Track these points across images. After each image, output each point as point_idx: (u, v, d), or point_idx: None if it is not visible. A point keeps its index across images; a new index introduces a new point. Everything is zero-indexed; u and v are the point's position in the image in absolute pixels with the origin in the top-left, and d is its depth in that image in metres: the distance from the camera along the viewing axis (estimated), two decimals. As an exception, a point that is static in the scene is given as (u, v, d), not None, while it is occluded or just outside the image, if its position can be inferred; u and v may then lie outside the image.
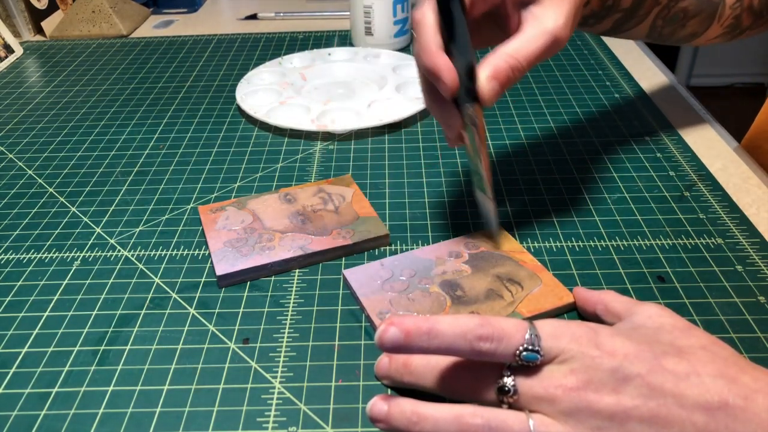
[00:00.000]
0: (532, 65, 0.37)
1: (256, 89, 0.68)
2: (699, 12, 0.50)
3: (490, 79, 0.37)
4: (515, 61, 0.37)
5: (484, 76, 0.37)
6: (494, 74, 0.37)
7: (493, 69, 0.37)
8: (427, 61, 0.37)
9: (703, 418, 0.26)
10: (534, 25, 0.37)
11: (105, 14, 0.91)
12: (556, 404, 0.28)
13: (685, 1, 0.49)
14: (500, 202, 0.50)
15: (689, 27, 0.51)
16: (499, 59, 0.37)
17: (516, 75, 0.37)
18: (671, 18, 0.49)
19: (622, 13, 0.47)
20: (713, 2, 0.50)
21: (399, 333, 0.29)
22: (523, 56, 0.37)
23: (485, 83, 0.37)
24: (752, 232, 0.46)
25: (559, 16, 0.37)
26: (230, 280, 0.43)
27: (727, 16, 0.51)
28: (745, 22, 0.52)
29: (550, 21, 0.37)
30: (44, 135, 0.64)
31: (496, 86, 0.37)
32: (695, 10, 0.49)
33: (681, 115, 0.62)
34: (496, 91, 0.37)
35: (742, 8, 0.51)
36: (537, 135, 0.60)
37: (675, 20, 0.50)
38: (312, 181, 0.54)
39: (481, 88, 0.37)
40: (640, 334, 0.30)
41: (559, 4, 0.37)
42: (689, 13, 0.49)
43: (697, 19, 0.50)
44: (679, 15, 0.49)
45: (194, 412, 0.34)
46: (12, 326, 0.40)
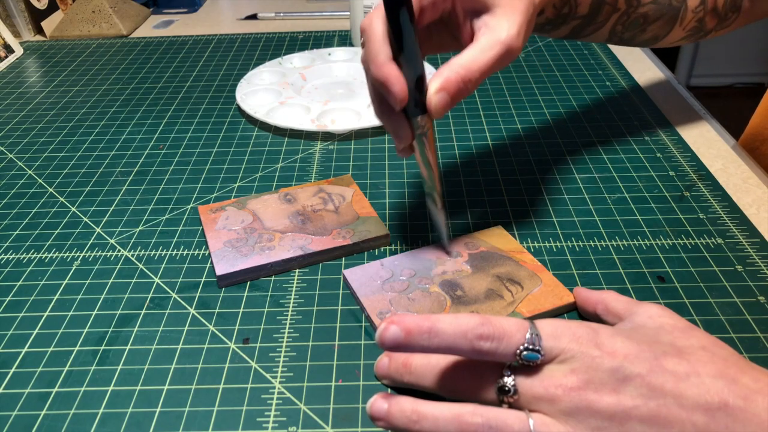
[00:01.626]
0: (485, 77, 0.37)
1: (256, 89, 0.68)
2: (659, 16, 0.49)
3: (439, 91, 0.36)
4: (467, 72, 0.36)
5: (434, 88, 0.36)
6: (444, 86, 0.36)
7: (443, 80, 0.36)
8: (376, 72, 0.36)
9: (703, 419, 0.26)
10: (487, 35, 0.37)
11: (105, 14, 0.91)
12: (556, 404, 0.28)
13: (644, 7, 0.48)
14: (500, 202, 0.50)
15: (650, 31, 0.51)
16: (450, 71, 0.36)
17: (468, 87, 0.36)
18: (631, 23, 0.49)
19: (580, 20, 0.47)
20: (674, 6, 0.49)
21: (400, 331, 0.29)
22: (475, 68, 0.36)
23: (434, 95, 0.36)
24: (752, 232, 0.46)
25: (512, 26, 0.36)
26: (230, 280, 0.43)
27: (690, 19, 0.50)
28: (708, 24, 0.52)
29: (503, 31, 0.36)
30: (44, 135, 0.64)
31: (445, 98, 0.36)
32: (655, 15, 0.49)
33: (681, 115, 0.62)
34: (446, 102, 0.36)
35: (705, 11, 0.50)
36: (537, 134, 0.60)
37: (635, 25, 0.49)
38: (312, 181, 0.54)
39: (430, 99, 0.36)
40: (641, 335, 0.30)
41: (511, 13, 0.37)
42: (649, 18, 0.49)
43: (657, 24, 0.50)
44: (639, 20, 0.49)
45: (194, 412, 0.34)
46: (12, 326, 0.40)
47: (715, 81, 2.42)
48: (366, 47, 0.37)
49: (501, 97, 0.67)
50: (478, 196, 0.51)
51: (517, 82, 0.71)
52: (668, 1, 0.49)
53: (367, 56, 0.37)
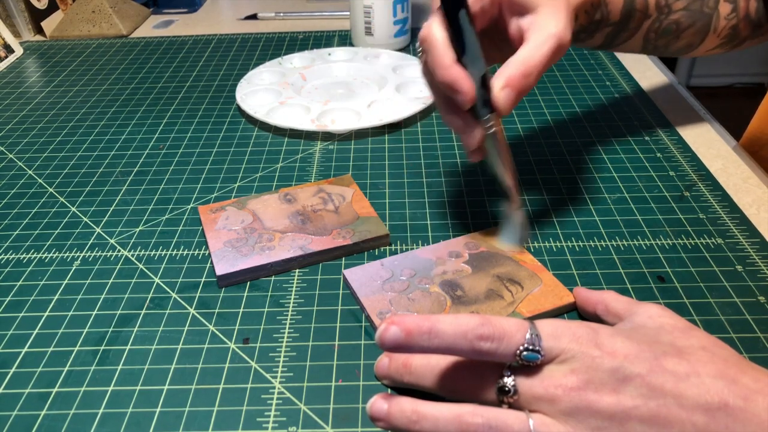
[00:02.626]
0: (543, 70, 0.38)
1: (256, 89, 0.68)
2: (692, 23, 0.50)
3: (504, 87, 0.37)
4: (527, 67, 0.37)
5: (499, 86, 0.38)
6: (508, 82, 0.37)
7: (506, 78, 0.37)
8: (444, 75, 0.37)
9: (703, 419, 0.26)
10: (537, 32, 0.38)
11: (105, 14, 0.91)
12: (556, 404, 0.28)
13: (676, 14, 0.49)
14: (499, 202, 0.50)
15: (684, 38, 0.51)
16: (511, 68, 0.38)
17: (529, 81, 0.38)
18: (664, 30, 0.50)
19: (613, 26, 0.48)
20: (705, 13, 0.50)
21: (400, 332, 0.29)
22: (533, 63, 0.38)
23: (500, 92, 0.38)
24: (752, 232, 0.46)
25: (559, 21, 0.38)
26: (230, 280, 0.43)
27: (723, 26, 0.51)
28: (743, 32, 0.52)
29: (552, 26, 0.38)
30: (44, 135, 0.64)
31: (510, 94, 0.38)
32: (687, 21, 0.50)
33: (681, 115, 0.62)
34: (512, 98, 0.38)
35: (738, 18, 0.50)
36: (537, 135, 0.60)
37: (668, 32, 0.50)
38: (312, 181, 0.54)
39: (496, 97, 0.38)
40: (641, 335, 0.30)
41: (556, 10, 0.38)
42: (681, 25, 0.50)
43: (691, 30, 0.50)
44: (672, 27, 0.50)
45: (194, 412, 0.34)
46: (12, 326, 0.40)
47: (715, 81, 2.42)
48: (429, 54, 0.38)
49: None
50: (478, 196, 0.51)
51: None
52: (700, 8, 0.49)
53: (431, 62, 0.38)
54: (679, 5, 0.49)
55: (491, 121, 0.39)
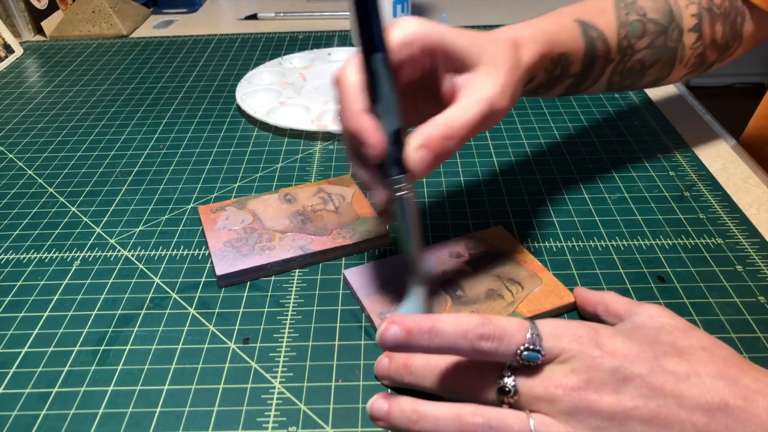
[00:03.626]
0: (468, 137, 0.34)
1: (256, 89, 0.68)
2: (657, 60, 0.47)
3: (420, 148, 0.33)
4: (449, 129, 0.34)
5: (415, 145, 0.33)
6: (425, 143, 0.33)
7: (424, 137, 0.33)
8: (350, 122, 0.34)
9: (703, 419, 0.26)
10: (469, 94, 0.35)
11: (105, 14, 0.91)
12: (556, 404, 0.28)
13: (639, 53, 0.46)
14: (500, 202, 0.50)
15: (650, 74, 0.49)
16: (431, 128, 0.34)
17: (450, 145, 0.34)
18: (628, 71, 0.47)
19: (574, 78, 0.45)
20: (670, 47, 0.47)
21: (400, 331, 0.29)
22: (458, 125, 0.34)
23: (415, 152, 0.33)
24: (752, 232, 0.46)
25: (495, 85, 0.35)
26: (230, 280, 0.43)
27: (689, 56, 0.49)
28: (710, 57, 0.50)
29: (486, 90, 0.35)
30: (44, 135, 0.64)
31: (427, 155, 0.33)
32: (652, 59, 0.47)
33: (681, 115, 0.62)
34: (428, 160, 0.33)
35: (704, 46, 0.49)
36: (537, 135, 0.60)
37: (633, 72, 0.48)
38: (312, 181, 0.54)
39: (409, 157, 0.33)
40: (641, 335, 0.30)
41: (494, 72, 0.35)
42: (646, 63, 0.47)
43: (656, 66, 0.48)
44: (637, 67, 0.47)
45: (194, 412, 0.34)
46: (12, 326, 0.40)
47: (715, 81, 2.42)
48: (339, 98, 0.35)
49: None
50: (478, 196, 0.51)
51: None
52: (663, 43, 0.47)
53: (340, 107, 0.35)
54: (642, 44, 0.46)
55: (401, 183, 0.34)
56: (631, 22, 0.45)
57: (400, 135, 0.34)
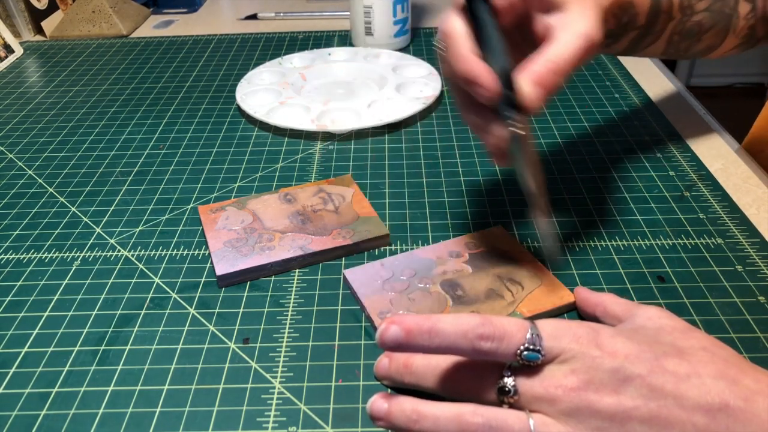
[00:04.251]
0: (574, 69, 0.36)
1: (256, 89, 0.68)
2: (713, 25, 0.49)
3: (534, 84, 0.35)
4: (556, 65, 0.35)
5: (526, 82, 0.35)
6: (537, 79, 0.35)
7: (535, 74, 0.35)
8: (463, 68, 0.35)
9: (704, 420, 0.26)
10: (566, 30, 0.36)
11: (105, 14, 0.91)
12: (556, 404, 0.28)
13: (698, 15, 0.48)
14: (499, 202, 0.50)
15: (705, 40, 0.50)
16: (539, 65, 0.35)
17: (559, 80, 0.35)
18: (687, 32, 0.49)
19: (638, 30, 0.46)
20: (726, 14, 0.49)
21: (400, 331, 0.29)
22: (563, 60, 0.35)
23: (529, 89, 0.35)
24: (752, 232, 0.46)
25: (589, 20, 0.36)
26: (230, 280, 0.43)
27: (742, 26, 0.50)
28: (759, 31, 0.51)
29: (581, 25, 0.36)
30: (44, 135, 0.64)
31: (540, 92, 0.35)
32: (709, 23, 0.49)
33: (681, 116, 0.62)
34: (542, 96, 0.35)
35: (756, 18, 0.50)
36: (537, 135, 0.60)
37: (691, 34, 0.49)
38: (312, 181, 0.54)
39: (524, 94, 0.35)
40: (641, 335, 0.30)
41: (586, 8, 0.37)
42: (704, 26, 0.49)
43: (712, 32, 0.50)
44: (695, 29, 0.48)
45: (194, 412, 0.34)
46: (12, 326, 0.40)
47: (715, 81, 2.42)
48: (448, 47, 0.36)
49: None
50: (478, 196, 0.51)
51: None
52: (721, 8, 0.48)
53: (450, 54, 0.36)
54: (701, 6, 0.48)
55: (517, 122, 0.36)
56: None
57: (510, 76, 0.35)
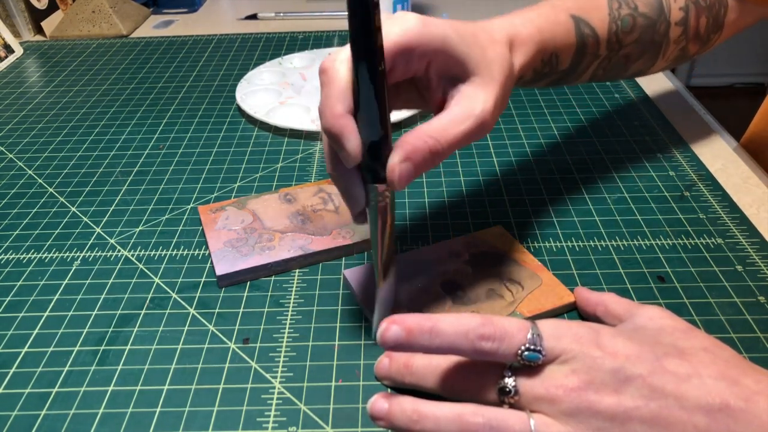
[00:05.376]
0: (453, 150, 0.33)
1: (256, 89, 0.68)
2: (641, 54, 0.47)
3: (404, 160, 0.32)
4: (436, 143, 0.32)
5: (398, 157, 0.32)
6: (409, 155, 0.32)
7: (410, 149, 0.32)
8: (331, 123, 0.32)
9: (704, 420, 0.26)
10: (461, 105, 0.34)
11: (105, 14, 0.91)
12: (557, 404, 0.28)
13: (626, 48, 0.46)
14: (500, 202, 0.50)
15: (632, 69, 0.48)
16: (418, 139, 0.32)
17: (434, 159, 0.33)
18: (613, 66, 0.47)
19: (560, 74, 0.44)
20: (656, 42, 0.47)
21: (401, 331, 0.29)
22: (446, 139, 0.33)
23: (398, 164, 0.32)
24: (752, 232, 0.46)
25: (488, 99, 0.34)
26: (230, 280, 0.43)
27: (672, 50, 0.48)
28: (692, 50, 0.50)
29: (479, 104, 0.33)
30: (44, 135, 0.64)
31: (409, 169, 0.32)
32: (637, 53, 0.47)
33: (681, 115, 0.62)
34: (409, 173, 0.32)
35: (687, 39, 0.48)
36: (537, 135, 0.60)
37: (617, 67, 0.47)
38: (312, 181, 0.54)
39: (392, 168, 0.32)
40: (642, 336, 0.30)
41: (488, 84, 0.34)
42: (631, 57, 0.47)
43: (640, 61, 0.47)
44: (621, 61, 0.46)
45: (194, 412, 0.34)
46: (12, 326, 0.40)
47: (715, 81, 2.42)
48: (323, 92, 0.33)
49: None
50: (478, 196, 0.51)
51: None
52: (650, 38, 0.46)
53: (322, 102, 0.33)
54: (630, 39, 0.45)
55: (378, 193, 0.33)
56: (622, 16, 0.44)
57: (383, 144, 0.32)
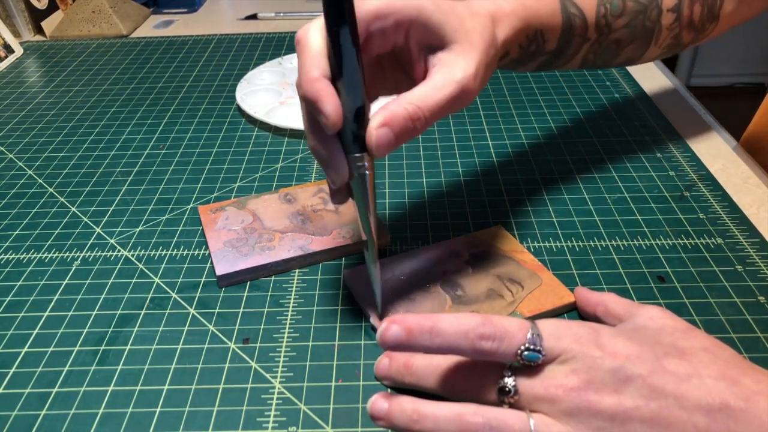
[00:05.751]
0: (437, 117, 0.33)
1: (256, 89, 0.68)
2: (632, 40, 0.46)
3: (382, 126, 0.32)
4: (416, 109, 0.32)
5: (377, 122, 0.32)
6: (388, 121, 0.32)
7: (389, 115, 0.32)
8: (307, 88, 0.32)
9: (704, 420, 0.26)
10: (441, 72, 0.33)
11: (105, 14, 0.91)
12: (557, 404, 0.28)
13: (616, 33, 0.45)
14: (500, 202, 0.50)
15: (624, 54, 0.48)
16: (398, 106, 0.32)
17: (415, 126, 0.32)
18: (603, 50, 0.46)
19: (548, 55, 0.43)
20: (647, 27, 0.46)
21: (401, 331, 0.29)
22: (426, 106, 0.32)
23: (375, 130, 0.32)
24: (752, 232, 0.46)
25: (469, 66, 0.33)
26: (230, 280, 0.43)
27: (665, 37, 0.48)
28: (686, 38, 0.49)
29: (459, 70, 0.33)
30: (44, 135, 0.64)
31: (388, 134, 0.32)
32: (628, 39, 0.46)
33: (681, 115, 0.62)
34: (389, 140, 0.32)
35: (681, 27, 0.47)
36: (537, 135, 0.60)
37: (608, 51, 0.46)
38: (312, 181, 0.54)
39: (370, 135, 0.32)
40: (642, 336, 0.30)
41: (469, 52, 0.34)
42: (622, 43, 0.46)
43: (631, 47, 0.47)
44: (612, 46, 0.46)
45: (194, 412, 0.34)
46: (12, 326, 0.40)
47: (715, 81, 2.42)
48: (299, 61, 0.33)
49: (501, 96, 0.67)
50: (478, 196, 0.51)
51: (518, 82, 0.71)
52: (641, 23, 0.46)
53: (299, 71, 0.33)
54: (621, 23, 0.45)
55: (362, 161, 0.33)
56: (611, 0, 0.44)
57: (361, 112, 0.32)
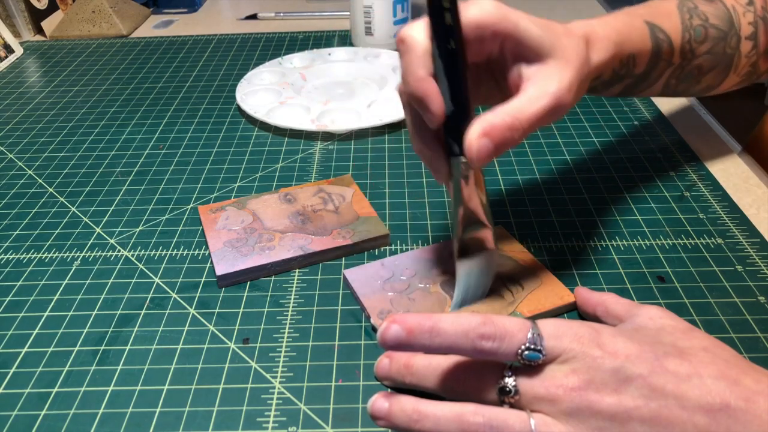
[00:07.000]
0: (533, 129, 0.33)
1: (256, 89, 0.68)
2: (714, 66, 0.47)
3: (482, 136, 0.32)
4: (514, 120, 0.33)
5: (477, 133, 0.32)
6: (488, 131, 0.32)
7: (488, 125, 0.32)
8: (414, 85, 0.33)
9: (705, 420, 0.26)
10: (536, 85, 0.34)
11: (105, 14, 0.91)
12: (557, 404, 0.28)
13: (699, 59, 0.46)
14: (500, 202, 0.50)
15: (705, 81, 0.48)
16: (497, 117, 0.33)
17: (513, 136, 0.33)
18: (686, 76, 0.47)
19: (634, 78, 0.44)
20: (728, 54, 0.47)
21: (401, 331, 0.29)
22: (523, 117, 0.33)
23: (476, 140, 0.32)
24: (752, 232, 0.46)
25: (564, 79, 0.34)
26: (230, 280, 0.43)
27: (744, 64, 0.48)
28: (762, 66, 0.49)
29: (554, 83, 0.34)
30: (44, 135, 0.64)
31: (488, 145, 0.32)
32: (710, 65, 0.47)
33: (681, 115, 0.62)
34: (488, 150, 0.32)
35: (758, 54, 0.48)
36: (537, 135, 0.60)
37: (690, 77, 0.47)
38: (312, 181, 0.54)
39: (470, 144, 0.32)
40: (642, 335, 0.30)
41: (564, 67, 0.34)
42: (704, 69, 0.47)
43: (712, 73, 0.48)
44: (694, 72, 0.47)
45: (194, 412, 0.34)
46: (12, 326, 0.40)
47: (715, 81, 2.41)
48: (402, 59, 0.34)
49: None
50: (478, 196, 0.51)
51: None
52: (723, 50, 0.46)
53: (404, 69, 0.34)
54: (703, 49, 0.45)
55: (460, 163, 0.34)
56: (694, 26, 0.45)
57: (460, 119, 0.33)
